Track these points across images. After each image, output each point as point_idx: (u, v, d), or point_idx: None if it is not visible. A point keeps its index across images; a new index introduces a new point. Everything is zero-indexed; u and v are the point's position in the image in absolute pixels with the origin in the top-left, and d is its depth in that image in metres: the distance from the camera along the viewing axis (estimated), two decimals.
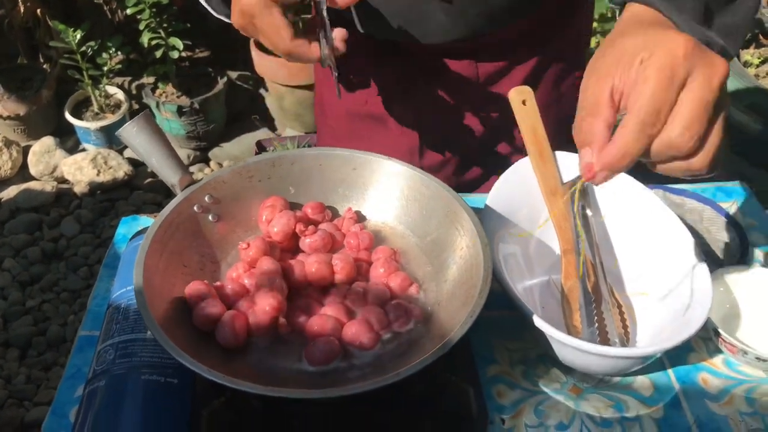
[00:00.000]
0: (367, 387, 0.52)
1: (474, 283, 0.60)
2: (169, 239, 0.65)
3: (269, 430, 0.61)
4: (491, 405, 0.67)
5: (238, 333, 0.60)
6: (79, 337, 0.76)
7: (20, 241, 2.05)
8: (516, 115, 0.74)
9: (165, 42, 2.16)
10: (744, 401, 0.68)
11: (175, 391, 0.62)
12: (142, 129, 0.66)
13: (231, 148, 2.38)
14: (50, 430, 0.67)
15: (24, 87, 2.33)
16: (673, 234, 0.73)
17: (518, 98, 0.74)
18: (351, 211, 0.73)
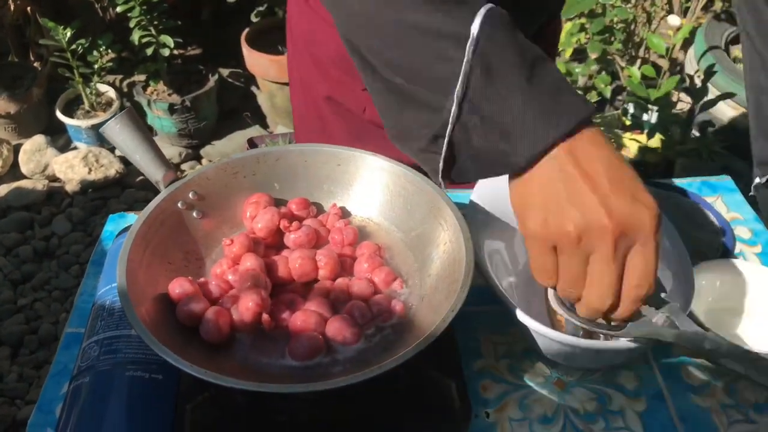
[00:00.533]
0: (350, 381, 0.52)
1: (456, 278, 0.60)
2: (153, 236, 0.65)
3: (254, 426, 0.62)
4: (477, 399, 0.68)
5: (221, 328, 0.60)
6: (66, 334, 0.76)
7: (11, 240, 2.05)
8: None
9: (156, 40, 2.15)
10: (726, 394, 0.69)
11: (160, 387, 0.63)
12: (126, 126, 0.66)
13: (223, 146, 2.38)
14: (36, 427, 0.67)
15: (15, 85, 2.33)
16: None
17: None
18: (336, 206, 0.73)
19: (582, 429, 0.66)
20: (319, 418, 0.62)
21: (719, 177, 0.94)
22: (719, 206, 0.89)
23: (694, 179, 0.93)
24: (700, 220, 0.86)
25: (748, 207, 0.89)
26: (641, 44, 2.18)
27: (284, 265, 0.66)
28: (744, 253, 0.83)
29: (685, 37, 1.97)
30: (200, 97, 2.26)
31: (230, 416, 0.61)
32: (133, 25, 2.12)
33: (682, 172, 1.95)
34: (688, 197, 0.89)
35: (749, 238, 0.85)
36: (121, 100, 2.37)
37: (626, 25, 2.11)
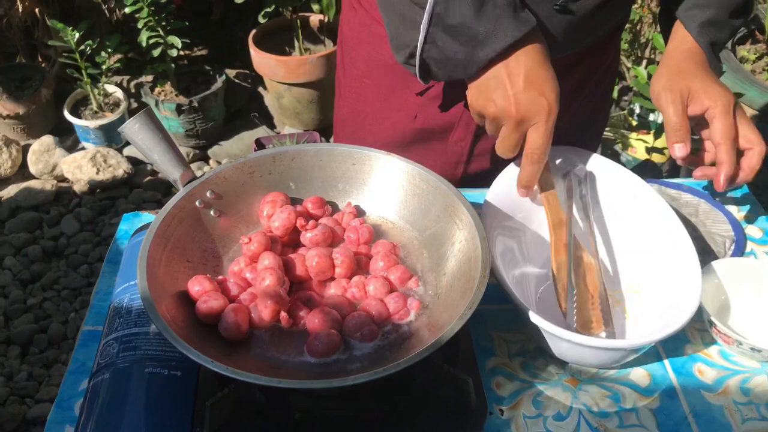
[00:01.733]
0: (368, 377, 0.53)
1: (472, 276, 0.61)
2: (171, 234, 0.65)
3: (272, 422, 0.62)
4: (490, 396, 0.68)
5: (240, 325, 0.61)
6: (83, 332, 0.77)
7: (21, 240, 2.06)
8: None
9: (164, 40, 2.16)
10: (739, 391, 0.69)
11: (179, 383, 0.63)
12: (144, 125, 0.66)
13: (230, 146, 2.38)
14: (55, 423, 0.68)
15: (23, 86, 2.34)
16: (668, 227, 0.74)
17: None
18: (351, 205, 0.74)
19: (596, 426, 0.66)
20: (337, 413, 0.63)
21: None
22: (729, 206, 0.90)
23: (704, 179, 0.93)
24: (711, 220, 0.86)
25: (758, 206, 0.90)
26: (647, 44, 2.19)
27: (301, 264, 0.67)
28: (755, 252, 0.84)
29: None
30: (208, 98, 2.27)
31: (249, 412, 0.62)
32: (141, 26, 2.13)
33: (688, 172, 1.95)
34: (698, 197, 0.89)
35: (760, 238, 0.86)
36: (128, 101, 2.38)
37: (632, 26, 2.12)
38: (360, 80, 0.96)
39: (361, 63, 0.94)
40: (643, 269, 0.76)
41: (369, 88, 0.95)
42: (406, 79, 0.88)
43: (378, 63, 0.91)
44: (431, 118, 0.91)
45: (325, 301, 0.65)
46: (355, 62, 0.96)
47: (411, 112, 0.91)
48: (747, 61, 2.17)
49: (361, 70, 0.95)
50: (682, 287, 0.69)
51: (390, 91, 0.92)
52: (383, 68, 0.91)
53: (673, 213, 0.75)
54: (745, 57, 2.18)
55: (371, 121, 0.96)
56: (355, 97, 0.99)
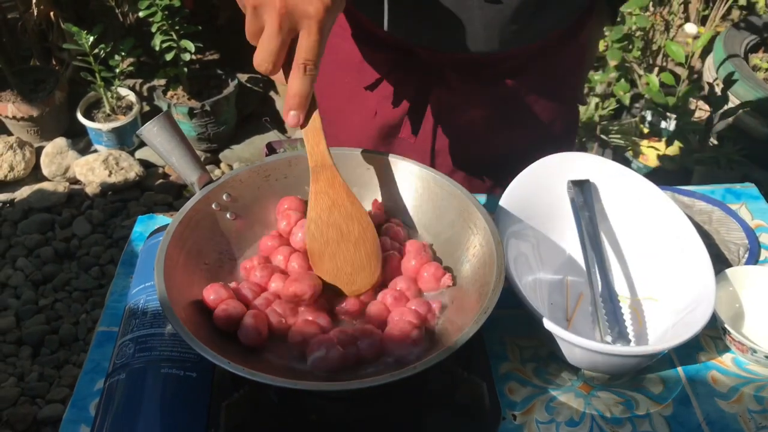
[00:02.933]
0: (383, 380, 0.53)
1: (487, 281, 0.61)
2: (188, 236, 0.66)
3: (286, 423, 0.63)
4: (503, 401, 0.68)
5: (261, 331, 0.61)
6: (98, 332, 0.77)
7: (33, 241, 2.08)
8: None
9: (177, 44, 2.18)
10: (753, 399, 0.69)
11: (195, 384, 0.64)
12: (162, 128, 0.67)
13: (241, 150, 2.40)
14: (70, 423, 0.69)
15: (37, 89, 2.36)
16: (682, 235, 0.74)
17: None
18: (377, 202, 0.74)
19: None
20: (351, 416, 0.63)
21: (743, 184, 0.94)
22: (743, 213, 0.90)
23: (718, 186, 0.94)
24: (725, 228, 0.86)
25: None
26: (659, 52, 2.18)
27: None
28: None
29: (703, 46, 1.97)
30: (219, 102, 2.28)
31: (264, 414, 0.63)
32: (155, 30, 2.14)
33: (699, 180, 1.94)
34: (712, 204, 0.89)
35: None
36: (141, 104, 2.40)
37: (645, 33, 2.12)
38: (326, 82, 0.97)
39: (324, 66, 0.94)
40: (657, 277, 0.76)
41: (334, 88, 0.95)
42: (362, 75, 0.89)
43: (338, 62, 0.91)
44: (387, 114, 0.92)
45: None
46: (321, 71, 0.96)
47: (371, 109, 0.92)
48: (759, 69, 2.16)
49: (324, 74, 0.96)
50: (696, 295, 0.69)
51: (350, 90, 0.93)
52: (342, 68, 0.92)
53: (687, 220, 0.75)
54: (757, 65, 2.17)
55: (341, 123, 0.97)
56: (324, 99, 1.00)
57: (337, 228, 0.65)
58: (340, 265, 0.65)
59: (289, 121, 0.62)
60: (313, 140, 0.64)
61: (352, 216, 0.65)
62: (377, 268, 0.66)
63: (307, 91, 0.61)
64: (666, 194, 0.78)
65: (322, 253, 0.66)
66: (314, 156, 0.65)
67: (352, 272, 0.65)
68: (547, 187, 0.80)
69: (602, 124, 2.05)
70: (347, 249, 0.65)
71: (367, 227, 0.65)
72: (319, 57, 0.59)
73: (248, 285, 0.66)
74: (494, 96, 0.90)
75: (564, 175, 0.81)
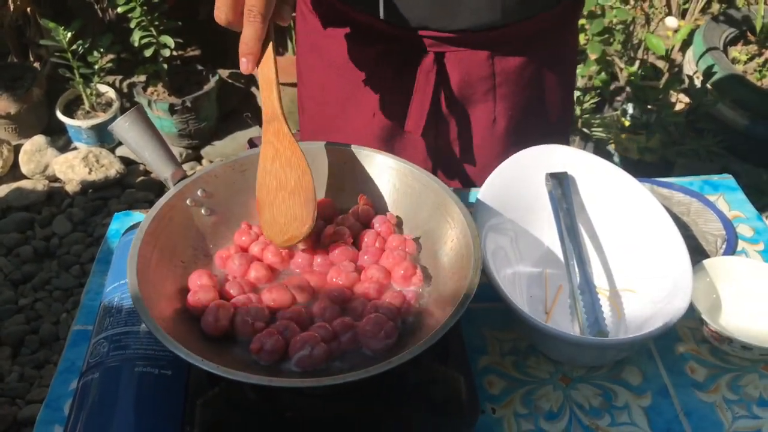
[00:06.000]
0: (359, 376, 0.53)
1: (464, 274, 0.61)
2: (161, 232, 0.65)
3: (263, 422, 0.62)
4: (482, 395, 0.68)
5: (219, 319, 0.61)
6: (73, 331, 0.76)
7: (12, 240, 2.05)
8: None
9: (156, 40, 2.16)
10: (730, 389, 0.69)
11: (170, 383, 0.63)
12: (135, 123, 0.66)
13: (223, 146, 2.38)
14: (44, 423, 0.68)
15: (15, 85, 2.32)
16: (659, 226, 0.74)
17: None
18: (364, 198, 0.73)
19: (588, 424, 0.66)
20: (329, 413, 0.62)
21: (721, 176, 0.95)
22: (721, 205, 0.90)
23: (696, 178, 0.94)
24: (703, 219, 0.87)
25: (749, 205, 0.90)
26: (640, 45, 2.19)
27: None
28: (746, 251, 0.84)
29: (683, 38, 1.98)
30: (200, 98, 2.26)
31: (240, 412, 0.62)
32: (134, 26, 2.12)
33: (680, 172, 1.96)
34: (690, 196, 0.89)
35: (751, 236, 0.86)
36: (121, 101, 2.37)
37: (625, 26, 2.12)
38: (319, 89, 0.96)
39: (317, 70, 0.94)
40: (635, 268, 0.76)
41: (328, 94, 0.94)
42: (356, 75, 0.88)
43: (333, 66, 0.90)
44: (388, 113, 0.91)
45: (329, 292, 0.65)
46: (312, 70, 0.96)
47: (369, 110, 0.91)
48: (739, 62, 2.18)
49: (318, 78, 0.95)
50: (673, 286, 0.69)
51: (345, 92, 0.91)
52: (334, 71, 0.90)
53: (665, 212, 0.75)
54: (736, 58, 2.19)
55: (339, 128, 0.95)
56: (316, 108, 0.99)
57: (277, 177, 0.66)
58: (275, 214, 0.66)
59: (240, 67, 0.64)
60: (266, 91, 0.66)
61: (291, 164, 0.66)
62: (309, 217, 0.65)
63: (252, 37, 0.62)
64: (644, 186, 0.78)
65: (263, 204, 0.67)
66: (266, 105, 0.66)
67: (285, 222, 0.66)
68: (525, 180, 0.80)
69: (584, 118, 2.06)
70: (283, 198, 0.66)
71: (303, 176, 0.65)
72: (265, 5, 0.61)
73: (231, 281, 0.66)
74: (495, 84, 0.89)
75: (542, 168, 0.80)
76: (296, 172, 0.66)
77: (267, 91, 0.66)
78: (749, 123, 2.01)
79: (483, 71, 0.86)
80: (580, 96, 2.06)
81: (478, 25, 0.81)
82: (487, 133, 0.93)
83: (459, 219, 0.66)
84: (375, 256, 0.68)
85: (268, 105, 0.66)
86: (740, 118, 2.02)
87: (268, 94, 0.66)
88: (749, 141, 2.02)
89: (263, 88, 0.66)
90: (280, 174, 0.66)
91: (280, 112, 0.65)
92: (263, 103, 0.66)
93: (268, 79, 0.65)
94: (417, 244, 0.71)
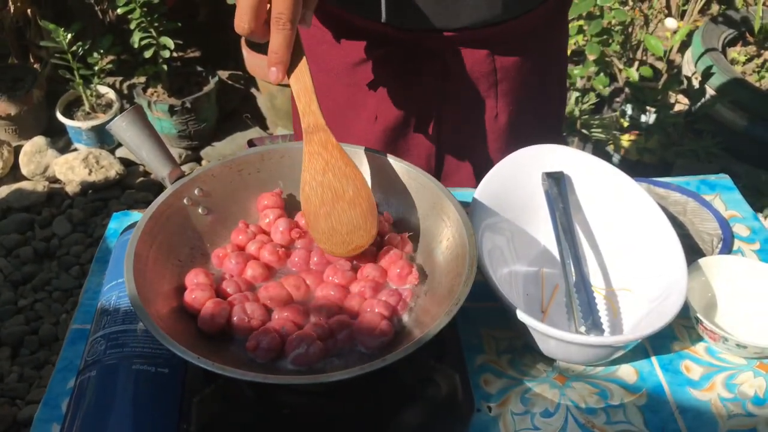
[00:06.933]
0: (354, 373, 0.53)
1: (459, 272, 0.61)
2: (158, 232, 0.65)
3: (259, 419, 0.62)
4: (478, 393, 0.68)
5: (215, 316, 0.61)
6: (71, 330, 0.77)
7: (12, 241, 2.05)
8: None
9: (156, 41, 2.16)
10: (725, 387, 0.69)
11: (167, 380, 0.63)
12: (132, 122, 0.66)
13: (223, 147, 2.38)
14: (42, 422, 0.68)
15: (15, 87, 2.33)
16: (655, 226, 0.75)
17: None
18: None
19: (583, 423, 0.67)
20: (324, 409, 0.63)
21: (718, 176, 0.95)
22: (717, 204, 0.90)
23: (693, 178, 0.94)
24: (699, 218, 0.87)
25: (746, 205, 0.90)
26: (639, 46, 2.20)
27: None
28: (742, 251, 0.84)
29: (682, 40, 1.99)
30: (200, 99, 2.26)
31: (236, 409, 0.62)
32: (134, 27, 2.12)
33: (679, 173, 1.96)
34: (687, 195, 0.89)
35: (747, 236, 0.86)
36: (121, 102, 2.38)
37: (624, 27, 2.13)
38: (320, 93, 0.96)
39: (315, 77, 0.93)
40: (631, 267, 0.76)
41: (327, 99, 0.92)
42: (357, 80, 0.88)
43: (331, 72, 0.90)
44: (390, 116, 0.90)
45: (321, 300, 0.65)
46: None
47: (371, 115, 0.91)
48: (737, 63, 2.18)
49: (316, 83, 0.95)
50: (669, 285, 0.69)
51: (346, 97, 0.91)
52: (336, 77, 0.90)
53: (661, 211, 0.75)
54: (735, 59, 2.19)
55: (341, 133, 0.93)
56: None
57: (332, 188, 0.65)
58: (335, 225, 0.65)
59: (270, 77, 0.62)
60: (305, 100, 0.64)
61: (346, 176, 0.65)
62: (373, 226, 0.65)
63: (282, 45, 0.60)
64: (641, 186, 0.78)
65: (317, 215, 0.65)
66: (307, 116, 0.65)
67: (348, 232, 0.65)
68: (522, 180, 0.80)
69: (583, 119, 2.06)
70: (342, 209, 0.65)
71: (362, 187, 0.65)
72: (293, 11, 0.59)
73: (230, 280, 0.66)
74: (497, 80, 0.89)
75: (539, 168, 0.81)
76: (354, 183, 0.65)
77: (306, 101, 0.64)
78: (748, 124, 2.01)
79: (485, 68, 0.87)
80: (579, 97, 2.06)
81: (479, 21, 0.81)
82: (489, 129, 0.93)
83: (455, 218, 0.66)
84: (371, 255, 0.69)
85: (309, 115, 0.64)
86: (739, 119, 2.02)
87: (308, 103, 0.64)
88: (748, 141, 2.02)
89: (301, 98, 0.64)
90: (334, 185, 0.65)
91: (323, 122, 0.64)
92: (303, 114, 0.64)
93: (306, 87, 0.64)
94: (413, 242, 0.71)
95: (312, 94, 0.64)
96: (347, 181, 0.65)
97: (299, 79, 0.64)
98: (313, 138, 0.65)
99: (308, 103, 0.64)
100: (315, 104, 0.64)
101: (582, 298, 0.70)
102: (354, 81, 0.89)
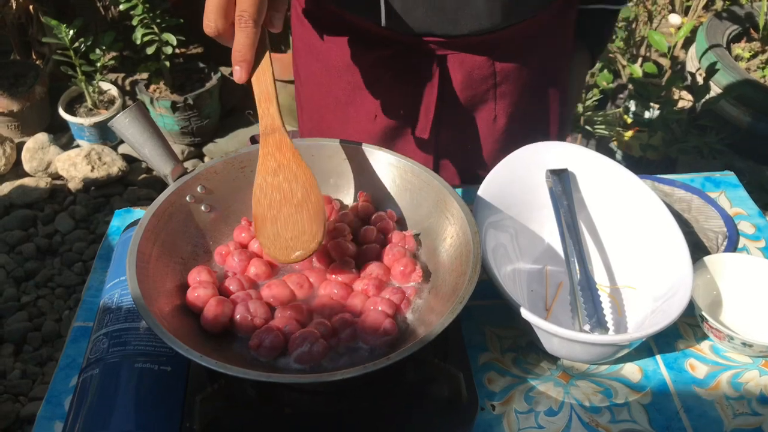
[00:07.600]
0: (357, 372, 0.53)
1: (464, 270, 0.61)
2: (161, 229, 0.65)
3: (262, 418, 0.62)
4: (482, 392, 0.68)
5: (218, 316, 0.61)
6: (74, 327, 0.76)
7: (15, 237, 2.06)
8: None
9: (158, 38, 2.16)
10: (730, 386, 0.69)
11: (169, 378, 0.63)
12: (135, 119, 0.66)
13: (225, 144, 2.38)
14: (44, 419, 0.68)
15: (17, 83, 2.33)
16: (660, 223, 0.74)
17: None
18: (364, 194, 0.73)
19: (587, 421, 0.66)
20: (327, 409, 0.62)
21: (723, 173, 0.94)
22: (723, 202, 0.90)
23: (698, 175, 0.94)
24: (704, 216, 0.86)
25: (751, 202, 0.90)
26: (642, 42, 2.19)
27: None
28: (747, 248, 0.84)
29: (686, 36, 1.98)
30: (202, 95, 2.26)
31: (239, 407, 0.62)
32: (136, 23, 2.12)
33: (683, 169, 1.95)
34: (691, 193, 0.89)
35: (753, 233, 0.86)
36: (123, 98, 2.37)
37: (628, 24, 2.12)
38: (318, 91, 0.96)
39: (316, 73, 0.94)
40: (635, 265, 0.76)
41: (328, 96, 0.94)
42: (357, 79, 0.88)
43: (332, 70, 0.90)
44: (389, 115, 0.90)
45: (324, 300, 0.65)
46: (311, 75, 0.95)
47: (370, 113, 0.91)
48: (742, 59, 2.17)
49: (317, 82, 0.95)
50: (673, 283, 0.69)
51: (346, 95, 0.91)
52: (337, 74, 0.90)
53: (666, 209, 0.75)
54: (740, 55, 2.18)
55: (340, 130, 0.95)
56: (316, 109, 0.98)
57: (280, 190, 0.63)
58: (280, 230, 0.63)
59: (234, 76, 0.63)
60: (264, 103, 0.63)
61: (296, 177, 0.63)
62: (319, 232, 0.62)
63: (245, 44, 0.60)
64: (645, 183, 0.78)
65: (265, 218, 0.63)
66: (264, 118, 0.64)
67: (292, 237, 0.62)
68: (525, 177, 0.80)
69: (586, 115, 2.06)
70: (289, 211, 0.63)
71: (311, 190, 0.63)
72: (256, 10, 0.58)
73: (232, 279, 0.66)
74: (496, 84, 0.89)
75: (542, 165, 0.80)
76: (303, 186, 0.63)
77: (265, 104, 0.63)
78: (752, 120, 2.00)
79: (484, 71, 0.86)
80: (583, 93, 2.05)
81: (479, 30, 0.81)
82: (488, 131, 0.93)
83: (459, 215, 0.66)
84: (374, 253, 0.68)
85: (267, 118, 0.64)
86: (743, 116, 2.02)
87: (266, 106, 0.63)
88: (752, 138, 2.02)
89: (261, 101, 0.63)
90: (284, 186, 0.63)
91: (280, 124, 0.64)
92: (261, 116, 0.64)
93: (266, 91, 0.63)
94: (417, 240, 0.71)
95: (272, 97, 0.63)
96: (297, 183, 0.63)
97: (261, 81, 0.63)
98: (268, 140, 0.64)
99: (267, 106, 0.63)
100: (274, 107, 0.63)
101: (586, 295, 0.70)
102: (355, 78, 0.89)
